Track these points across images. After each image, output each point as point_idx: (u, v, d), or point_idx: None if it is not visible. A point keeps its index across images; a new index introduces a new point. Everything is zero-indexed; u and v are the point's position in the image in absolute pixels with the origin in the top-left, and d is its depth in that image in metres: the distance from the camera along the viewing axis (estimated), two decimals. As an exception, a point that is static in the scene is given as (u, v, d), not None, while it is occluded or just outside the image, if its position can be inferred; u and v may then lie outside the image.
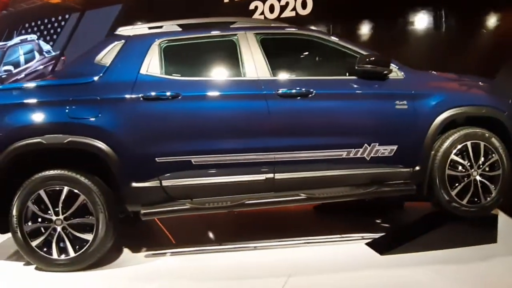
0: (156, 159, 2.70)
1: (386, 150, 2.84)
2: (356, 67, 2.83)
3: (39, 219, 2.71)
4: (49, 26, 7.45)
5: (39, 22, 7.45)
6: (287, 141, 2.78)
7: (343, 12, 4.84)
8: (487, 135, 2.96)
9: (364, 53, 2.93)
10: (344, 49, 2.98)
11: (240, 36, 2.93)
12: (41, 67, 7.29)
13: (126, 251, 3.09)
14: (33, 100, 2.72)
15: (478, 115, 3.01)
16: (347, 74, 2.98)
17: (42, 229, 2.71)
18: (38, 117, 2.68)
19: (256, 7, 5.25)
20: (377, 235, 3.17)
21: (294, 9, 5.09)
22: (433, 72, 3.23)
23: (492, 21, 4.58)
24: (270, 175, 2.78)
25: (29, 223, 2.70)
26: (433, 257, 2.76)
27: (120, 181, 2.70)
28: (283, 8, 5.14)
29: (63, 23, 7.42)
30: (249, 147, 2.75)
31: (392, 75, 2.92)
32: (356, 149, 2.81)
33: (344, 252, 2.99)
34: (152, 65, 2.82)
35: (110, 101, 2.72)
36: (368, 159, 2.84)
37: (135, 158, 2.69)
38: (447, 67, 3.75)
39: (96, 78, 2.78)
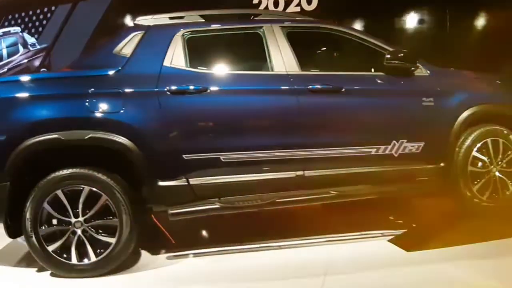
0: (184, 156, 2.57)
1: (414, 146, 2.83)
2: (385, 63, 2.80)
3: (57, 222, 2.52)
4: (34, 18, 7.07)
5: (23, 14, 7.06)
6: (317, 138, 2.72)
7: (349, 8, 4.81)
8: (505, 132, 3.02)
9: (390, 48, 2.90)
10: (370, 44, 2.95)
11: (266, 29, 2.83)
12: (25, 60, 6.92)
13: (144, 253, 2.93)
14: (48, 93, 2.53)
15: (499, 113, 3.05)
16: (373, 70, 2.95)
17: (60, 232, 2.52)
18: (54, 111, 2.50)
19: (260, 1, 5.14)
20: (396, 232, 3.16)
21: (299, 4, 5.02)
22: (452, 69, 3.25)
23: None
24: (300, 172, 2.71)
25: (45, 226, 2.51)
26: (461, 251, 2.76)
27: (145, 179, 2.55)
28: (287, 3, 5.06)
29: (49, 15, 7.07)
30: (279, 143, 2.67)
31: (417, 72, 2.91)
32: (385, 146, 2.79)
33: (370, 250, 2.94)
34: (176, 57, 2.68)
35: (134, 95, 2.57)
36: (396, 156, 2.82)
37: (161, 155, 2.56)
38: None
39: (116, 70, 2.62)
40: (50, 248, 2.50)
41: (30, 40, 6.98)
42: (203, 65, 2.78)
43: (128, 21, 6.75)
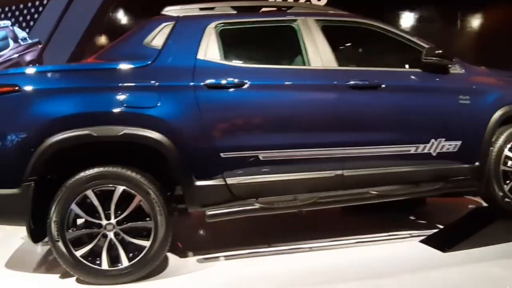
0: (221, 154, 2.43)
1: (451, 145, 2.79)
2: (423, 59, 2.75)
3: (86, 224, 2.35)
4: (25, 12, 6.73)
5: (13, 8, 6.70)
6: (356, 136, 2.63)
7: (360, 3, 4.74)
8: None
9: (425, 44, 2.85)
10: (404, 39, 2.89)
11: (301, 22, 2.73)
12: (16, 55, 6.56)
13: (171, 256, 2.77)
14: (78, 85, 2.35)
15: None
16: (407, 66, 2.90)
17: (89, 236, 2.34)
18: (84, 105, 2.31)
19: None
20: (425, 232, 3.13)
21: (308, -1, 4.94)
22: (483, 67, 3.24)
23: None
24: (339, 172, 2.61)
25: (73, 230, 2.33)
26: (499, 250, 2.75)
27: (180, 179, 2.40)
28: (297, -3, 4.96)
29: (40, 8, 6.74)
30: (319, 141, 2.57)
31: (452, 70, 2.87)
32: (423, 145, 2.73)
33: (404, 251, 2.89)
34: (210, 49, 2.54)
35: (170, 88, 2.41)
36: (434, 155, 2.77)
37: (198, 153, 2.41)
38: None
39: (149, 62, 2.46)
40: (79, 253, 2.31)
41: (21, 34, 6.62)
42: (237, 59, 2.66)
43: (122, 16, 6.57)
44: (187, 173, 2.40)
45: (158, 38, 2.55)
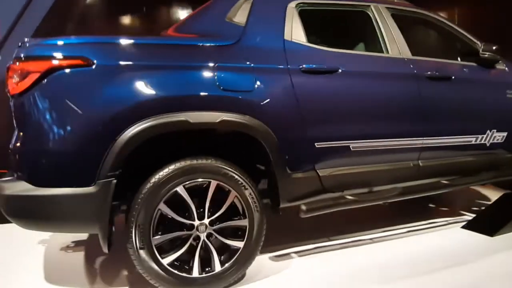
0: (316, 144, 2.25)
1: (500, 136, 2.96)
2: (480, 54, 2.85)
3: (174, 226, 1.99)
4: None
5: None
6: (432, 126, 2.64)
7: None
8: None
9: (476, 40, 2.97)
10: (459, 34, 2.97)
11: (374, 9, 2.64)
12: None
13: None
14: (167, 63, 1.96)
15: None
16: (459, 59, 2.98)
17: (178, 240, 2.01)
18: (176, 86, 1.95)
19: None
20: (462, 218, 3.28)
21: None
22: None
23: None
24: (416, 162, 2.61)
25: (160, 234, 1.96)
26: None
27: (276, 171, 2.16)
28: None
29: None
30: (402, 131, 2.53)
31: (498, 66, 3.02)
32: (481, 135, 2.86)
33: (449, 239, 2.95)
34: (295, 30, 2.32)
35: (265, 71, 2.14)
36: (488, 145, 2.91)
37: (295, 143, 2.20)
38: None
39: (238, 40, 2.16)
40: (166, 260, 1.96)
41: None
42: (321, 42, 2.46)
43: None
44: (283, 165, 2.17)
45: (240, 14, 2.26)
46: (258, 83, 2.10)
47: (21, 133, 1.88)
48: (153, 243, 1.93)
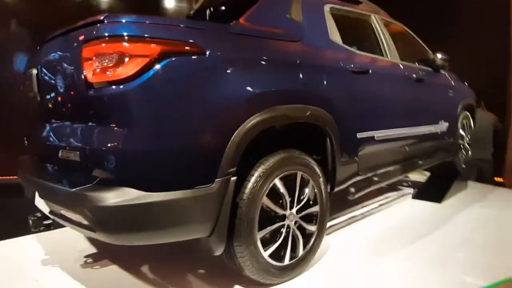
0: (357, 134, 2.56)
1: (445, 125, 3.77)
2: (436, 61, 3.57)
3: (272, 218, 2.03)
4: None
5: None
6: (415, 118, 3.26)
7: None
8: None
9: (427, 49, 3.72)
10: (418, 43, 3.68)
11: (373, 18, 3.08)
12: None
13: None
14: (266, 56, 1.96)
15: None
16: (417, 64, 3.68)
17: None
18: (278, 80, 1.99)
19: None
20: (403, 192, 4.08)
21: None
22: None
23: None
24: (406, 147, 3.18)
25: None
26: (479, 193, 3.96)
27: (337, 159, 2.38)
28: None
29: None
30: (403, 123, 3.06)
31: (442, 71, 3.79)
32: (437, 125, 3.62)
33: (407, 209, 3.65)
34: (333, 32, 2.56)
35: (327, 68, 2.34)
36: (439, 133, 3.68)
37: (346, 134, 2.44)
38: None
39: (301, 38, 2.27)
40: (267, 253, 1.99)
41: None
42: (349, 45, 2.75)
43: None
44: (340, 153, 2.41)
45: (295, 11, 2.37)
46: (327, 80, 2.28)
47: (122, 130, 1.58)
48: (258, 237, 1.94)
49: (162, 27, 1.67)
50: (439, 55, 3.61)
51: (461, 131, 4.22)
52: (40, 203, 2.06)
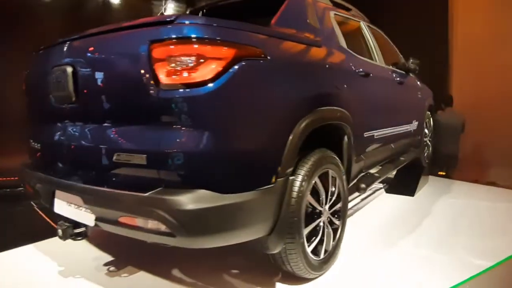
0: (364, 134, 2.76)
1: (416, 124, 4.14)
2: (409, 64, 3.83)
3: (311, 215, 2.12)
4: None
5: None
6: (398, 118, 3.56)
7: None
8: None
9: (398, 53, 4.08)
10: (392, 48, 3.99)
11: (363, 24, 3.32)
12: None
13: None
14: (307, 61, 2.07)
15: None
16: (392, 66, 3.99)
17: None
18: (318, 83, 2.13)
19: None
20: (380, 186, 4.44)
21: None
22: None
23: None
24: (392, 145, 3.46)
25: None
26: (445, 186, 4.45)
27: (353, 156, 2.55)
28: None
29: None
30: (392, 122, 3.33)
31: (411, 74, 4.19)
32: (410, 124, 3.96)
33: (386, 204, 3.98)
34: (340, 38, 2.72)
35: (345, 72, 2.50)
36: (412, 131, 4.03)
37: (358, 133, 2.62)
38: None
39: (326, 42, 2.40)
40: (310, 248, 2.09)
41: None
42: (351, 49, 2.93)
43: None
44: (354, 151, 2.58)
45: (312, 16, 2.48)
46: (346, 83, 2.44)
47: (197, 132, 1.55)
48: (305, 233, 2.02)
49: (233, 30, 1.69)
50: (411, 59, 3.97)
51: (426, 129, 4.70)
52: (65, 209, 1.93)
